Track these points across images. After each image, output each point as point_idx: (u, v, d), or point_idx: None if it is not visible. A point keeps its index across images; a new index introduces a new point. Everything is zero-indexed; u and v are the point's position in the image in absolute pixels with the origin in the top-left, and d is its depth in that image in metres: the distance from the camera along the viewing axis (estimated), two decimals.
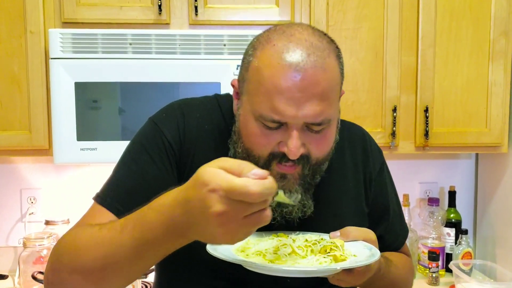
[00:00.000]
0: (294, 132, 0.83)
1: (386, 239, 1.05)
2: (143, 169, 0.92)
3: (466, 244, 2.03)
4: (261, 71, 0.83)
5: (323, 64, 0.83)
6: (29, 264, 1.85)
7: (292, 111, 0.82)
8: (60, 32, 1.65)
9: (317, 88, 0.82)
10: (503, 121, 1.90)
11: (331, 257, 0.83)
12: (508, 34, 1.87)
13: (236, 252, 0.85)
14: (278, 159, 0.85)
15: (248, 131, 0.87)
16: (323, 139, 0.87)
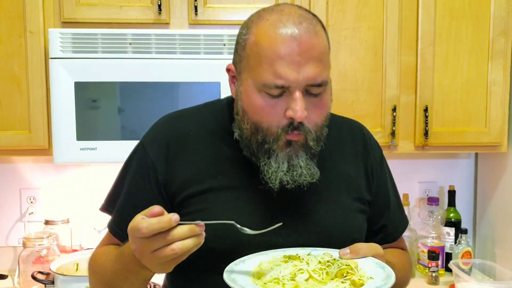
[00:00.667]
0: (297, 94, 0.89)
1: (389, 228, 1.11)
2: (131, 194, 1.03)
3: (465, 243, 2.03)
4: (260, 43, 0.90)
5: (315, 30, 0.91)
6: (29, 264, 1.85)
7: (294, 74, 0.88)
8: (59, 32, 1.65)
9: (314, 51, 0.89)
10: (503, 121, 1.90)
11: (348, 280, 0.83)
12: (507, 33, 1.87)
13: (253, 280, 0.85)
14: (286, 129, 0.91)
15: (253, 105, 0.92)
16: (321, 103, 0.94)
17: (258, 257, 0.92)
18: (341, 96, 1.84)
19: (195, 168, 1.00)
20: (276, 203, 0.98)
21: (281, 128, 0.91)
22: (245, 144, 0.97)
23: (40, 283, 1.69)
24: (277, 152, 0.92)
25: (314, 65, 0.89)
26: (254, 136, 0.94)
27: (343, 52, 1.83)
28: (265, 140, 0.92)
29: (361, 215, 1.06)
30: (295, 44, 0.88)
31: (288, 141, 0.92)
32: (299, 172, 0.93)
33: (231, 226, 0.87)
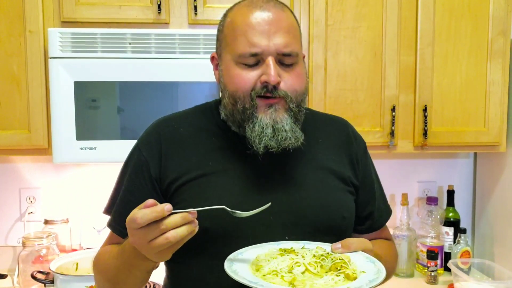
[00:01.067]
0: (269, 59, 0.98)
1: (375, 215, 1.17)
2: (128, 192, 1.08)
3: (464, 243, 2.03)
4: (235, 21, 1.01)
5: (282, 7, 1.02)
6: (28, 264, 1.85)
7: (265, 41, 0.97)
8: (59, 31, 1.65)
9: (282, 23, 0.99)
10: (501, 120, 1.90)
11: (342, 274, 0.88)
12: (506, 33, 1.88)
13: (253, 272, 0.90)
14: (260, 92, 0.98)
15: (231, 76, 1.01)
16: (295, 73, 1.01)
17: (254, 249, 0.96)
18: (340, 95, 1.84)
19: (187, 160, 1.05)
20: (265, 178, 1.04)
21: (255, 91, 0.98)
22: (231, 120, 1.04)
23: (40, 282, 1.70)
24: (260, 117, 0.99)
25: (283, 35, 0.98)
26: (234, 107, 1.01)
27: (343, 52, 1.83)
28: (244, 107, 1.00)
29: (349, 195, 1.11)
30: (265, 15, 0.99)
31: (267, 104, 0.99)
32: (284, 135, 0.99)
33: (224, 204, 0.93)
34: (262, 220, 0.99)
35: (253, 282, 0.84)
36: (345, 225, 1.08)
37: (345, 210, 1.08)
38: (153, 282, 1.85)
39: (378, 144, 1.87)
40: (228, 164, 1.04)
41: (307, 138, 1.06)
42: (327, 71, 1.83)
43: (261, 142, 0.98)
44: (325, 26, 1.81)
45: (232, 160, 1.05)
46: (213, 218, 0.97)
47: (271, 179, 1.04)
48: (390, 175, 2.26)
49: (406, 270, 2.04)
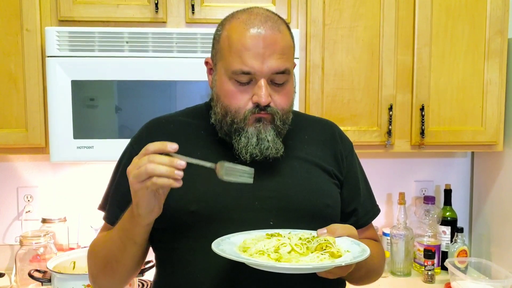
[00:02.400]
0: (261, 81, 1.02)
1: (360, 212, 1.20)
2: (120, 183, 1.13)
3: (461, 242, 2.04)
4: (231, 37, 1.04)
5: (278, 28, 1.04)
6: (26, 262, 1.85)
7: (259, 65, 1.01)
8: (56, 30, 1.65)
9: (277, 46, 1.02)
10: (499, 120, 1.91)
11: (328, 253, 0.91)
12: (503, 33, 1.88)
13: (239, 252, 0.92)
14: (253, 111, 1.04)
15: (224, 90, 1.06)
16: (285, 92, 1.06)
17: (242, 236, 0.99)
18: (338, 95, 1.84)
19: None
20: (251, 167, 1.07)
21: (248, 110, 1.04)
22: (219, 127, 1.09)
23: (37, 281, 1.69)
24: (247, 129, 1.05)
25: (277, 57, 1.02)
26: (224, 118, 1.06)
27: (340, 51, 1.83)
28: (233, 121, 1.05)
29: (334, 186, 1.14)
30: (260, 39, 1.01)
31: (257, 118, 1.05)
32: (266, 145, 1.05)
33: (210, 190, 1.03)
34: (248, 204, 1.04)
35: (240, 257, 0.88)
36: (330, 214, 1.11)
37: (329, 198, 1.12)
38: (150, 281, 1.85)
39: (375, 143, 1.87)
40: (215, 155, 1.08)
41: (293, 135, 1.14)
42: (324, 71, 1.83)
43: (247, 153, 1.05)
44: (322, 25, 1.81)
45: (219, 151, 1.10)
46: (200, 202, 1.03)
47: (257, 166, 1.06)
48: (387, 174, 2.27)
49: (403, 269, 2.05)
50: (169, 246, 1.08)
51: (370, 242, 1.18)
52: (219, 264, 1.01)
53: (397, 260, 2.05)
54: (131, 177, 0.92)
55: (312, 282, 1.00)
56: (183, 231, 1.05)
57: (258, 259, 0.89)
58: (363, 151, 1.84)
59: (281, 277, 0.93)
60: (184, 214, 1.03)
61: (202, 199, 1.04)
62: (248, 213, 1.04)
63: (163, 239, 1.09)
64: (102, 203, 1.18)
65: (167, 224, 1.06)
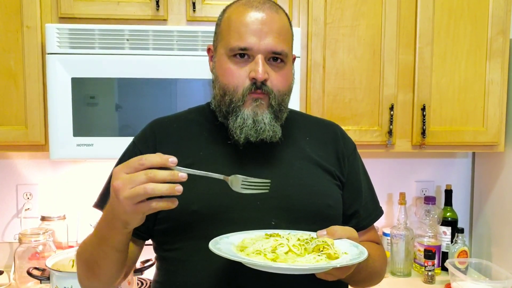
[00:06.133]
0: (258, 56, 1.04)
1: (361, 213, 1.19)
2: None
3: (462, 242, 2.03)
4: (231, 18, 1.08)
5: (276, 10, 1.08)
6: (25, 260, 1.85)
7: (256, 40, 1.04)
8: (57, 27, 1.65)
9: (274, 24, 1.05)
10: (500, 120, 1.90)
11: (325, 255, 0.90)
12: (505, 33, 1.87)
13: (237, 252, 0.92)
14: (250, 88, 1.04)
15: (223, 69, 1.07)
16: (282, 73, 1.07)
17: (241, 235, 0.98)
18: (339, 94, 1.84)
19: (179, 150, 1.08)
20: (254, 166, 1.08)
21: (245, 88, 1.05)
22: (219, 110, 1.10)
23: (36, 279, 1.69)
24: (243, 110, 1.05)
25: (274, 36, 1.04)
26: (223, 98, 1.07)
27: (341, 50, 1.83)
28: (231, 100, 1.06)
29: (335, 187, 1.14)
30: (259, 15, 1.05)
31: (254, 99, 1.05)
32: (262, 127, 1.05)
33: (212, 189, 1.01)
34: (249, 204, 1.04)
35: (236, 256, 0.87)
36: (331, 214, 1.10)
37: (330, 199, 1.11)
38: (149, 280, 1.85)
39: (376, 143, 1.87)
40: (218, 153, 1.10)
41: (295, 134, 1.16)
42: (325, 70, 1.82)
43: (242, 133, 1.05)
44: (324, 24, 1.81)
45: (222, 150, 1.10)
46: (202, 201, 1.03)
47: (259, 167, 1.09)
48: (388, 174, 2.26)
49: (404, 269, 2.04)
50: (170, 246, 1.08)
51: (371, 245, 1.17)
52: (219, 264, 1.00)
53: (397, 261, 2.04)
54: (122, 196, 0.84)
55: (312, 283, 0.99)
56: (184, 231, 1.05)
57: (254, 258, 0.88)
58: (364, 151, 1.83)
59: (282, 278, 0.93)
60: (185, 214, 1.03)
61: (203, 198, 1.03)
62: (250, 213, 1.04)
63: (164, 239, 1.09)
64: (98, 201, 1.15)
65: (168, 224, 1.06)
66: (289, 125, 1.14)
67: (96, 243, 0.99)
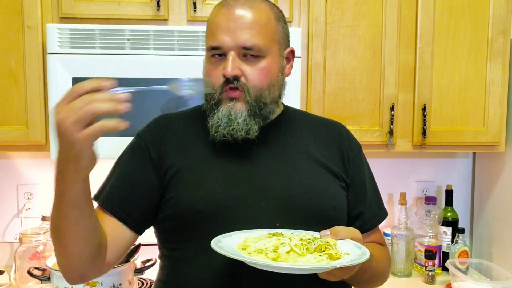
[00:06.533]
0: (229, 53, 1.04)
1: (366, 215, 1.18)
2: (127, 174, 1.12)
3: (462, 242, 2.03)
4: (209, 19, 1.10)
5: (250, 5, 1.06)
6: (25, 260, 1.85)
7: (226, 39, 1.04)
8: (57, 27, 1.65)
9: (245, 20, 1.05)
10: (501, 120, 1.90)
11: (327, 255, 0.90)
12: (506, 33, 1.87)
13: (239, 250, 0.92)
14: (223, 85, 1.05)
15: (205, 70, 1.10)
16: (258, 67, 1.06)
17: (243, 234, 0.98)
18: (339, 94, 1.84)
19: (184, 147, 1.11)
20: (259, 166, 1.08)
21: (219, 85, 1.05)
22: (207, 109, 1.10)
23: (36, 279, 1.69)
24: (221, 108, 1.06)
25: (245, 32, 1.04)
26: (206, 97, 1.09)
27: (342, 50, 1.83)
28: (210, 99, 1.08)
29: (340, 188, 1.13)
30: (229, 14, 1.05)
31: (229, 98, 1.06)
32: (235, 127, 1.05)
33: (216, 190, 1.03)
34: (254, 205, 1.04)
35: (237, 254, 0.87)
36: (336, 216, 1.09)
37: (335, 200, 1.11)
38: (150, 280, 1.85)
39: (377, 143, 1.87)
40: (223, 152, 1.09)
41: (300, 134, 1.15)
42: (326, 70, 1.82)
43: (217, 132, 1.06)
44: (324, 24, 1.81)
45: (227, 149, 1.09)
46: (206, 202, 1.03)
47: (264, 166, 1.08)
48: (388, 174, 2.26)
49: (404, 269, 2.04)
50: (174, 246, 1.08)
51: (376, 246, 1.17)
52: (223, 264, 1.00)
53: (397, 261, 2.04)
54: (68, 123, 0.80)
55: (315, 283, 0.99)
56: (189, 230, 1.04)
57: (255, 257, 0.88)
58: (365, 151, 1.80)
59: (285, 278, 0.93)
60: (190, 214, 1.03)
61: (209, 199, 1.03)
62: (254, 213, 1.03)
63: (170, 238, 1.09)
64: (99, 193, 1.12)
65: (173, 223, 1.06)
66: (294, 125, 1.14)
67: (56, 205, 0.93)
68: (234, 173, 1.07)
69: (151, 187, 1.08)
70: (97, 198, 1.10)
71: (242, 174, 1.07)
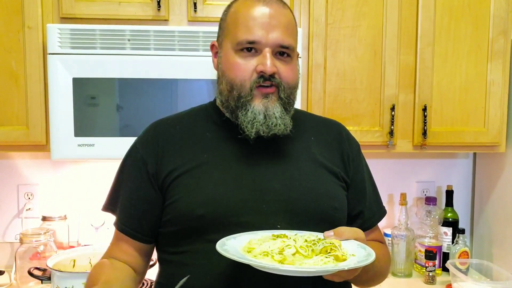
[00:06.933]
0: (266, 50, 1.04)
1: (366, 214, 1.19)
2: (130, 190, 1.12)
3: (463, 243, 2.03)
4: (238, 12, 1.07)
5: (283, 5, 1.09)
6: (26, 260, 1.85)
7: (264, 33, 1.03)
8: (58, 27, 1.65)
9: (282, 18, 1.06)
10: (501, 121, 1.90)
11: (333, 256, 0.89)
12: (507, 33, 1.87)
13: (244, 253, 0.91)
14: (257, 83, 1.04)
15: (230, 64, 1.06)
16: (290, 67, 1.08)
17: (248, 236, 0.98)
18: (340, 95, 1.84)
19: (182, 154, 1.10)
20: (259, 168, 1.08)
21: (252, 82, 1.04)
22: (225, 106, 1.10)
23: (37, 279, 1.69)
24: (254, 105, 1.05)
25: (282, 30, 1.05)
26: (230, 94, 1.06)
27: (342, 50, 1.83)
28: (240, 95, 1.05)
29: (341, 189, 1.13)
30: (266, 10, 1.05)
31: (263, 94, 1.05)
32: (274, 122, 1.05)
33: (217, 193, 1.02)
34: (255, 208, 1.03)
35: (243, 258, 0.87)
36: (337, 217, 1.10)
37: (336, 201, 1.11)
38: (150, 280, 1.85)
39: (377, 143, 1.87)
40: (222, 155, 1.09)
41: (300, 134, 1.15)
42: (326, 70, 1.82)
43: (253, 127, 1.04)
44: (325, 24, 1.81)
45: (226, 152, 1.09)
46: (207, 206, 1.02)
47: (264, 169, 1.08)
48: (389, 174, 2.26)
49: (404, 270, 2.04)
50: (175, 249, 1.07)
51: (376, 244, 1.17)
52: (225, 268, 1.00)
53: (398, 261, 2.04)
54: None
55: (319, 284, 0.99)
56: (189, 235, 1.04)
57: (262, 260, 0.88)
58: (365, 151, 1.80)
59: (287, 280, 0.92)
60: (191, 218, 1.02)
61: (209, 203, 1.03)
62: (256, 217, 1.03)
63: (169, 242, 1.09)
64: (107, 204, 1.16)
65: (174, 228, 1.06)
66: (294, 125, 1.14)
67: None
68: (235, 176, 1.07)
69: (152, 201, 1.09)
70: (109, 209, 1.15)
71: (243, 176, 1.07)
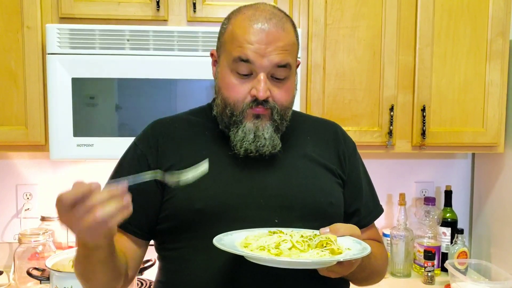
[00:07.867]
0: (261, 75, 1.04)
1: (362, 212, 1.20)
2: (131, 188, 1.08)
3: (461, 243, 2.03)
4: (235, 32, 1.06)
5: (283, 26, 1.05)
6: (24, 260, 1.85)
7: (259, 58, 1.03)
8: (57, 27, 1.65)
9: (279, 43, 1.04)
10: (500, 121, 1.90)
11: (328, 250, 0.91)
12: (505, 34, 1.87)
13: (241, 248, 0.92)
14: (250, 104, 1.05)
15: (225, 82, 1.07)
16: (285, 88, 1.07)
17: (244, 232, 0.99)
18: (339, 95, 1.84)
19: (181, 151, 1.11)
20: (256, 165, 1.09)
21: (245, 104, 1.05)
22: (220, 119, 1.11)
23: (36, 279, 1.69)
24: (245, 124, 1.06)
25: (278, 53, 1.03)
26: (224, 110, 1.08)
27: (341, 51, 1.83)
28: (232, 114, 1.07)
29: (337, 185, 1.15)
30: (264, 35, 1.03)
31: (255, 114, 1.06)
32: (262, 142, 1.06)
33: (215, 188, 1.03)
34: (253, 203, 1.05)
35: (240, 250, 0.88)
36: (333, 212, 1.11)
37: (332, 197, 1.12)
38: (149, 280, 1.85)
39: (376, 143, 1.87)
40: (220, 153, 1.10)
41: (296, 135, 1.16)
42: (325, 70, 1.83)
43: (241, 147, 1.06)
44: (324, 25, 1.81)
45: (224, 150, 1.10)
46: (206, 200, 1.03)
47: (261, 166, 1.09)
48: (387, 175, 2.26)
49: (403, 270, 2.04)
50: (173, 245, 1.08)
51: (373, 243, 1.18)
52: (223, 263, 1.01)
53: (397, 261, 2.04)
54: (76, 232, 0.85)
55: (315, 281, 1.00)
56: (188, 229, 1.05)
57: (258, 253, 0.89)
58: (364, 152, 1.83)
59: (284, 276, 0.93)
60: (189, 213, 1.03)
61: (207, 197, 1.04)
62: (253, 212, 1.04)
63: (167, 238, 1.09)
64: None
65: (172, 223, 1.06)
66: (290, 125, 1.15)
67: (81, 261, 0.98)
68: (233, 172, 1.08)
69: (152, 195, 1.08)
70: None
71: (241, 173, 1.08)
